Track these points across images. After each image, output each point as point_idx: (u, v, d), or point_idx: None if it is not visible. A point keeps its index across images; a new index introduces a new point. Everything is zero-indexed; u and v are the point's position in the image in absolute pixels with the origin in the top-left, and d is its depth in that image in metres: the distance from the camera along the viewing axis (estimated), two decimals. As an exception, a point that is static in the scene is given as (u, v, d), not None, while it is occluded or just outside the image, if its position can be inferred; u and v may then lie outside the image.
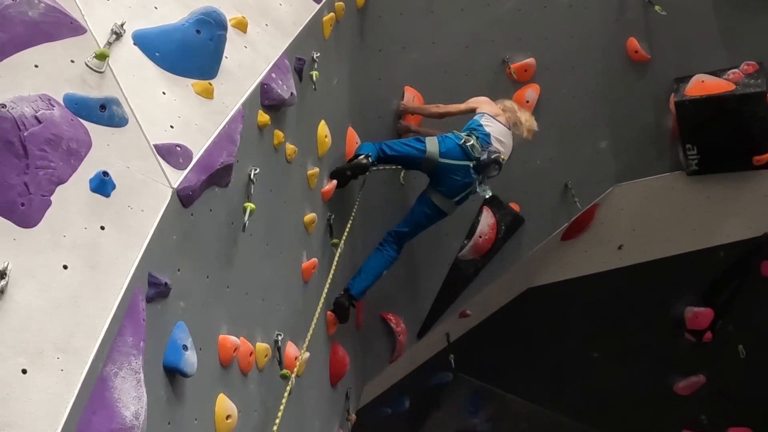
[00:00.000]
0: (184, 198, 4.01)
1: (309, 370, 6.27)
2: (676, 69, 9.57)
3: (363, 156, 7.40)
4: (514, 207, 9.41)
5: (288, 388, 5.42)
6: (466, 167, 7.64)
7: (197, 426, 4.19)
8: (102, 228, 3.43)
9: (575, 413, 11.83)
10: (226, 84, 4.87)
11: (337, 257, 6.94)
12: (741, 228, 10.35)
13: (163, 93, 4.38)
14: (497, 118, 8.00)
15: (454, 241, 9.22)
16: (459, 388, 11.46)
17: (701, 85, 9.38)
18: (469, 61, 8.95)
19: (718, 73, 9.43)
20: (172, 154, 4.04)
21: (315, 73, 6.41)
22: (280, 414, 5.13)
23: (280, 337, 5.64)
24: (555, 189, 9.64)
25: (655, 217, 10.20)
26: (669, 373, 11.55)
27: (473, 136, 7.69)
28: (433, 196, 7.86)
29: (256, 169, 5.05)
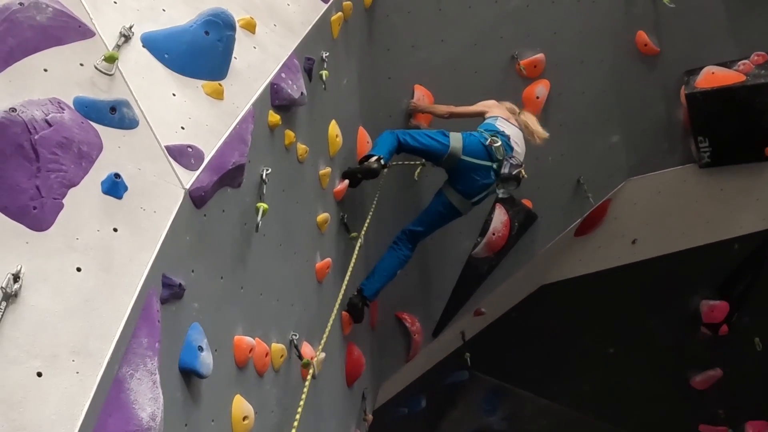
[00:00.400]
0: (197, 199, 4.01)
1: (325, 371, 6.24)
2: (686, 61, 9.55)
3: (375, 159, 7.30)
4: (527, 204, 9.39)
5: (310, 374, 5.43)
6: (487, 168, 7.58)
7: (214, 427, 4.19)
8: (115, 230, 3.43)
9: (592, 409, 11.81)
10: (236, 85, 4.86)
11: (356, 251, 6.92)
12: (755, 220, 10.32)
13: (173, 94, 4.38)
14: (510, 121, 7.99)
15: (467, 239, 9.19)
16: (475, 387, 11.46)
17: (712, 76, 9.36)
18: (478, 59, 8.91)
19: (729, 64, 9.40)
20: (183, 155, 4.04)
21: (324, 73, 6.39)
22: (301, 403, 5.12)
23: (295, 338, 5.63)
24: (567, 185, 9.61)
25: (669, 210, 10.16)
26: (685, 367, 11.53)
27: (498, 138, 7.66)
28: (450, 196, 7.79)
29: (267, 170, 5.04)
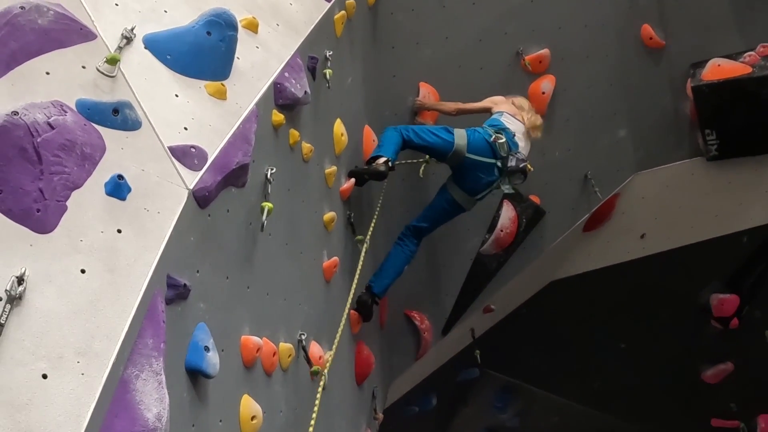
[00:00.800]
0: (201, 199, 4.00)
1: (334, 370, 6.23)
2: (692, 54, 9.52)
3: (383, 161, 7.29)
4: (535, 199, 9.38)
5: (321, 383, 5.42)
6: (491, 165, 7.58)
7: (222, 427, 4.18)
8: (119, 231, 3.43)
9: (603, 405, 11.80)
10: (239, 84, 4.85)
11: (363, 254, 6.92)
12: (764, 212, 10.29)
13: (176, 95, 4.37)
14: (516, 117, 7.97)
15: (475, 236, 9.19)
16: (486, 384, 11.46)
17: (718, 69, 9.32)
18: (483, 55, 8.91)
19: (734, 56, 9.37)
20: (186, 156, 4.03)
21: (328, 72, 6.37)
22: (315, 409, 5.12)
23: (303, 337, 5.62)
24: (575, 180, 9.61)
25: (677, 204, 10.14)
26: (696, 361, 11.51)
27: (503, 135, 7.65)
28: (454, 193, 7.82)
29: (272, 169, 5.02)
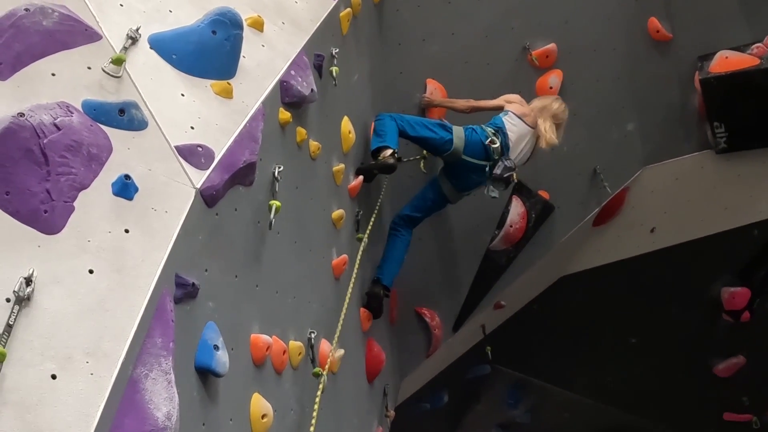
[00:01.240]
0: (208, 198, 4.00)
1: (345, 367, 6.24)
2: (699, 46, 9.47)
3: (390, 153, 7.24)
4: (544, 195, 9.35)
5: (321, 386, 5.37)
6: (484, 167, 7.62)
7: (233, 426, 4.18)
8: (126, 231, 3.43)
9: (615, 400, 11.78)
10: (245, 83, 4.85)
11: (360, 253, 6.89)
12: (774, 205, 10.25)
13: (182, 95, 4.38)
14: (524, 119, 7.92)
15: (484, 232, 9.17)
16: (497, 381, 11.44)
17: (725, 61, 9.27)
18: (489, 50, 8.87)
19: (742, 48, 9.31)
20: (193, 155, 4.03)
21: (335, 69, 6.35)
22: (315, 413, 5.10)
23: (313, 335, 5.60)
24: (584, 174, 9.58)
25: (686, 198, 10.10)
26: (708, 355, 11.48)
27: (498, 138, 7.64)
28: (444, 187, 7.90)
29: (280, 167, 5.01)
